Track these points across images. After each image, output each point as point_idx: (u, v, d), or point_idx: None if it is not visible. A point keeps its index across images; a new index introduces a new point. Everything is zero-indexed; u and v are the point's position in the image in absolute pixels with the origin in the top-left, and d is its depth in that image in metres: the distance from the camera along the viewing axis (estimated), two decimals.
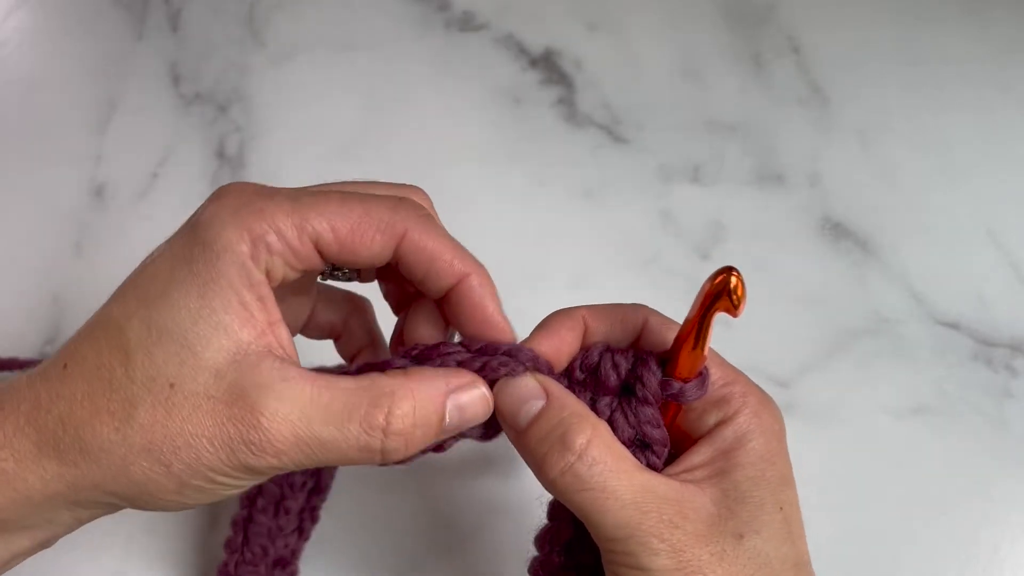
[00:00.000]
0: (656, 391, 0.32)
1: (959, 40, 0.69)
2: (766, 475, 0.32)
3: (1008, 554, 0.51)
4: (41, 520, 0.31)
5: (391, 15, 0.70)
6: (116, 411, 0.29)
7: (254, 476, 0.30)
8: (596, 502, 0.30)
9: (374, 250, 0.32)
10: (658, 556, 0.29)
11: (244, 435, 0.29)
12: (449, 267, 0.32)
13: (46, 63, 0.68)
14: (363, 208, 0.32)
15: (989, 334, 0.58)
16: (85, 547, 0.50)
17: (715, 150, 0.65)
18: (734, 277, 0.30)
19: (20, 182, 0.63)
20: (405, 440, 0.30)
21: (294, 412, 0.29)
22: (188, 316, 0.29)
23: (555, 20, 0.70)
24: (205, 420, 0.29)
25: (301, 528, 0.45)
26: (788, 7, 0.70)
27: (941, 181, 0.63)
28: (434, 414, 0.31)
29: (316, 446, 0.29)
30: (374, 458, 0.30)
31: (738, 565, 0.30)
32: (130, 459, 0.29)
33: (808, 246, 0.61)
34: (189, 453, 0.29)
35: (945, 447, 0.54)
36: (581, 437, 0.30)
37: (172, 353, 0.29)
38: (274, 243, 0.31)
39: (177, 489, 0.30)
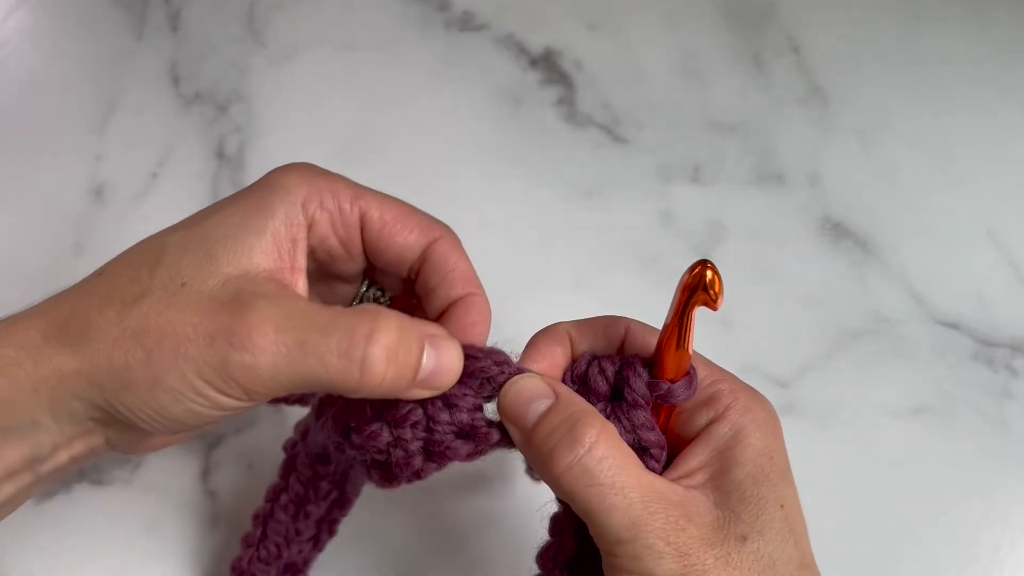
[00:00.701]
0: (644, 393, 0.32)
1: (959, 40, 0.69)
2: (765, 471, 0.32)
3: (1008, 554, 0.51)
4: (27, 421, 0.31)
5: (391, 15, 0.70)
6: (126, 300, 0.31)
7: (228, 386, 0.30)
8: (604, 499, 0.29)
9: (409, 241, 0.35)
10: (663, 560, 0.29)
11: (227, 326, 0.29)
12: (464, 279, 0.35)
13: (46, 63, 0.68)
14: (409, 207, 0.36)
15: (989, 334, 0.58)
16: (85, 547, 0.50)
17: (715, 150, 0.65)
18: (709, 270, 0.30)
19: (20, 182, 0.63)
20: (386, 355, 0.30)
21: (281, 315, 0.30)
22: (224, 230, 0.32)
23: (555, 20, 0.70)
24: (198, 313, 0.30)
25: (317, 538, 0.44)
26: (788, 7, 0.70)
27: (941, 181, 0.63)
28: (415, 343, 0.31)
29: (295, 347, 0.29)
30: (352, 371, 0.30)
31: (743, 569, 0.30)
32: (119, 342, 0.30)
33: (808, 246, 0.61)
34: (172, 341, 0.29)
35: (945, 447, 0.54)
36: (591, 432, 0.30)
37: (196, 258, 0.31)
38: (328, 201, 0.34)
39: (151, 385, 0.30)
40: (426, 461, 0.33)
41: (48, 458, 0.32)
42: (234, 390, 0.30)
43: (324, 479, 0.41)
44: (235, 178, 0.63)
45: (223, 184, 0.63)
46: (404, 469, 0.33)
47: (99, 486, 0.52)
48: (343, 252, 0.36)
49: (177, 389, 0.30)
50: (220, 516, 0.52)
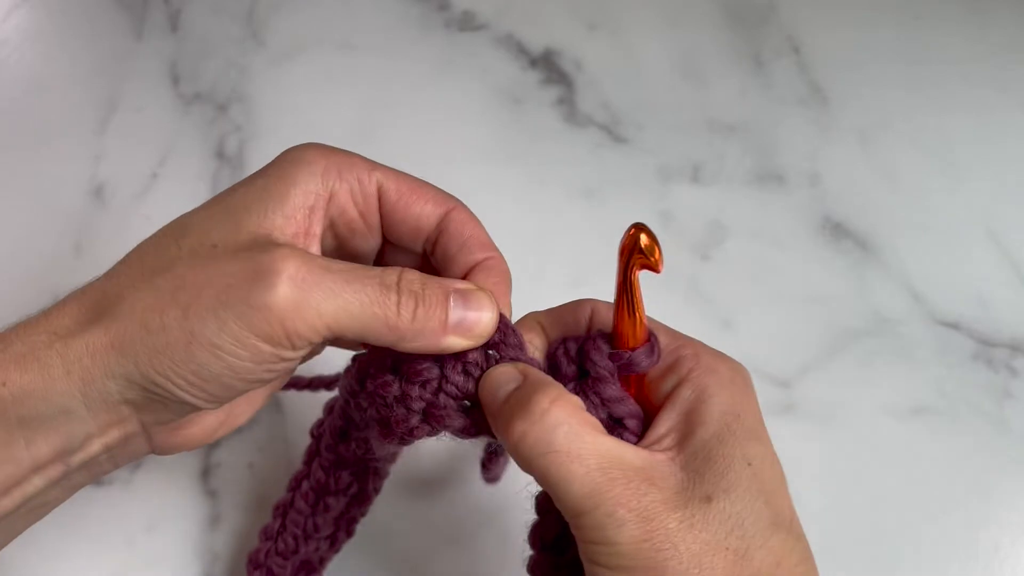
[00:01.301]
0: (607, 364, 0.33)
1: (959, 40, 0.69)
2: (731, 429, 0.31)
3: (1008, 554, 0.51)
4: (58, 409, 0.30)
5: (391, 15, 0.70)
6: (157, 269, 0.31)
7: (271, 327, 0.29)
8: (561, 467, 0.29)
9: (426, 210, 0.36)
10: (624, 527, 0.28)
11: (269, 265, 0.30)
12: (482, 244, 0.36)
13: (46, 63, 0.68)
14: (422, 181, 0.37)
15: (989, 334, 0.58)
16: (86, 547, 0.50)
17: (715, 150, 0.65)
18: (643, 233, 0.30)
19: (20, 182, 0.63)
20: (414, 297, 0.31)
21: (313, 259, 0.31)
22: (247, 196, 0.33)
23: (555, 20, 0.70)
24: (236, 262, 0.30)
25: (335, 537, 0.44)
26: (788, 7, 0.70)
27: (941, 181, 0.63)
28: (440, 289, 0.32)
29: (341, 283, 0.30)
30: (390, 310, 0.31)
31: (709, 531, 0.29)
32: (153, 306, 0.30)
33: (808, 246, 0.61)
34: (210, 291, 0.30)
35: (945, 447, 0.54)
36: (544, 400, 0.30)
37: (222, 223, 0.32)
38: (347, 173, 0.35)
39: (187, 342, 0.29)
40: (421, 422, 0.33)
41: (80, 449, 0.32)
42: (276, 332, 0.30)
43: (345, 468, 0.41)
44: (235, 178, 0.63)
45: (223, 184, 0.63)
46: (400, 425, 0.33)
47: (99, 486, 0.52)
48: (362, 225, 0.36)
49: (215, 342, 0.30)
50: (220, 516, 0.52)
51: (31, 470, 0.31)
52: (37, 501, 0.33)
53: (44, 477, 0.32)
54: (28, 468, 0.31)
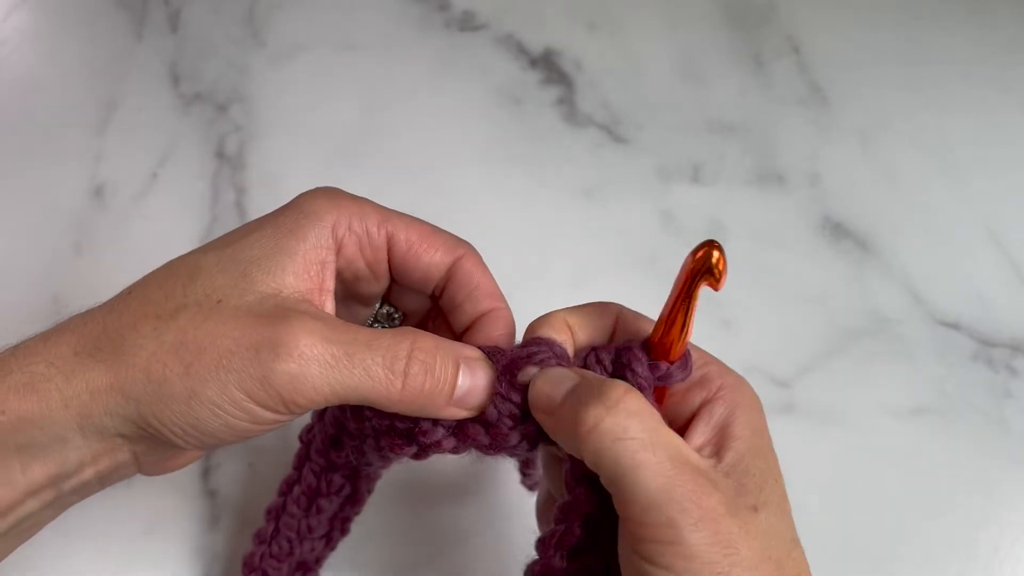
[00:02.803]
0: (648, 375, 0.32)
1: (959, 40, 0.69)
2: (760, 446, 0.32)
3: (1008, 554, 0.51)
4: (54, 438, 0.31)
5: (391, 15, 0.70)
6: (161, 315, 0.31)
7: (270, 397, 0.30)
8: (636, 455, 0.28)
9: (435, 260, 0.36)
10: (697, 526, 0.28)
11: (272, 337, 0.30)
12: (488, 294, 0.36)
13: (46, 63, 0.68)
14: (433, 227, 0.37)
15: (989, 334, 0.58)
16: (86, 547, 0.50)
17: (715, 150, 0.65)
18: (716, 251, 0.30)
19: (20, 182, 0.63)
20: (425, 368, 0.32)
21: (326, 328, 0.31)
22: (257, 251, 0.33)
23: (555, 20, 0.70)
24: (238, 327, 0.30)
25: (330, 536, 0.44)
26: (788, 7, 0.70)
27: (941, 181, 0.63)
28: (451, 361, 0.32)
29: (343, 358, 0.30)
30: (395, 383, 0.31)
31: (758, 540, 0.29)
32: (156, 355, 0.30)
33: (808, 246, 0.61)
34: (213, 354, 0.30)
35: (945, 447, 0.54)
36: (618, 389, 0.30)
37: (231, 276, 0.32)
38: (356, 225, 0.35)
39: (187, 398, 0.30)
40: (448, 436, 0.33)
41: (73, 474, 0.32)
42: (275, 401, 0.30)
43: (337, 471, 0.41)
44: (235, 178, 0.63)
45: (223, 184, 0.63)
46: (426, 436, 0.33)
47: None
48: (369, 273, 0.37)
49: (215, 402, 0.30)
50: (220, 516, 0.52)
51: (26, 494, 0.32)
52: (29, 522, 0.33)
53: (38, 500, 0.32)
54: (23, 492, 0.32)
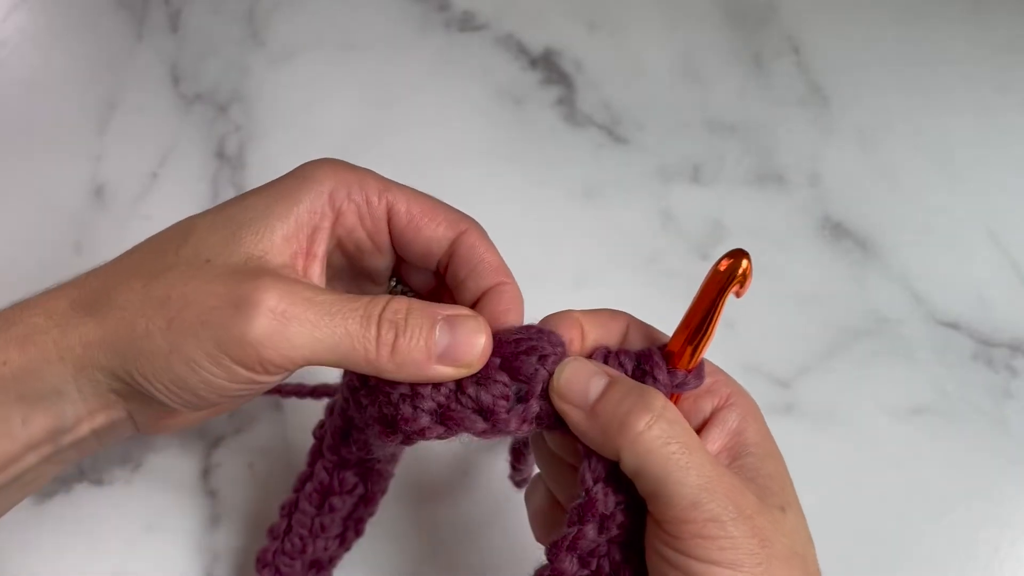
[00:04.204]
0: (668, 383, 0.33)
1: (960, 40, 0.69)
2: (773, 452, 0.33)
3: (1008, 554, 0.51)
4: (52, 389, 0.32)
5: (391, 15, 0.70)
6: (152, 273, 0.32)
7: (246, 354, 0.30)
8: (683, 458, 0.29)
9: (436, 233, 0.36)
10: (738, 520, 0.29)
11: (252, 294, 0.30)
12: (493, 269, 0.36)
13: (46, 63, 0.68)
14: (437, 201, 0.37)
15: (989, 334, 0.58)
16: (86, 547, 0.50)
17: (715, 150, 0.65)
18: (746, 260, 0.31)
19: (20, 182, 0.63)
20: (395, 327, 0.31)
21: (306, 289, 0.31)
22: (251, 213, 0.33)
23: (555, 20, 0.70)
24: (223, 284, 0.31)
25: (344, 536, 0.44)
26: (788, 7, 0.70)
27: (941, 181, 0.63)
28: (426, 319, 0.32)
29: (321, 316, 0.31)
30: (369, 343, 0.31)
31: (788, 537, 0.30)
32: (142, 310, 0.31)
33: (808, 246, 0.61)
34: (196, 309, 0.30)
35: (945, 447, 0.54)
36: (661, 398, 0.31)
37: (222, 237, 0.32)
38: (356, 192, 0.35)
39: (168, 352, 0.30)
40: (434, 423, 0.33)
41: (70, 430, 0.33)
42: (251, 359, 0.30)
43: (348, 468, 0.41)
44: (235, 178, 0.63)
45: (223, 184, 0.63)
46: (408, 424, 0.33)
47: (99, 486, 0.52)
48: (371, 245, 0.36)
49: (193, 358, 0.30)
50: (220, 516, 0.52)
51: (26, 447, 0.33)
52: (29, 477, 0.34)
53: (37, 455, 0.33)
54: (23, 445, 0.32)
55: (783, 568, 0.29)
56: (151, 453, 0.53)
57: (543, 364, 0.33)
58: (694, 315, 0.32)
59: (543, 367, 0.33)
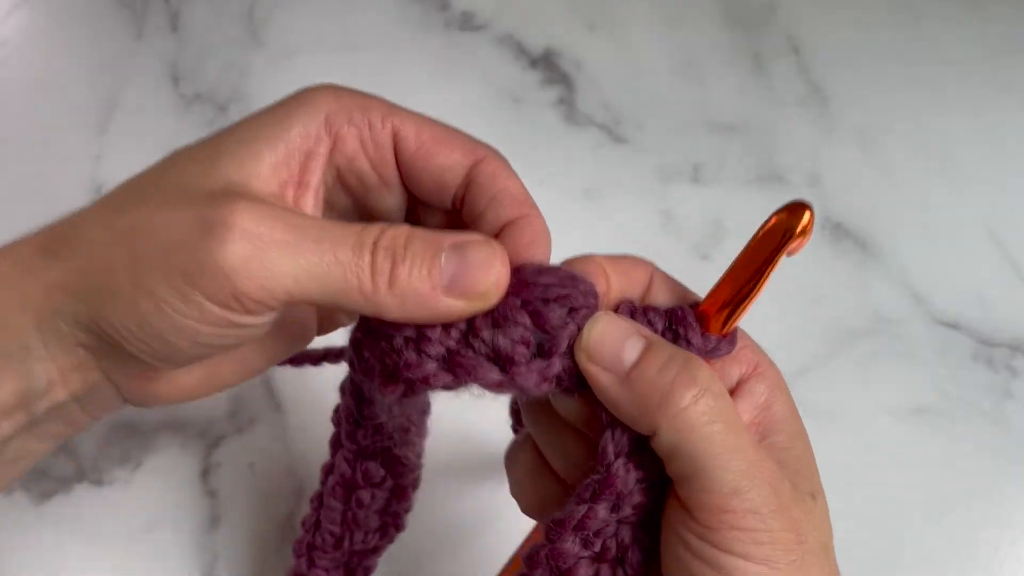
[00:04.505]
0: (701, 347, 0.29)
1: (959, 40, 0.69)
2: (802, 431, 0.30)
3: (1008, 554, 0.51)
4: (16, 344, 0.28)
5: (391, 15, 0.70)
6: (121, 206, 0.29)
7: (219, 286, 0.26)
8: (728, 438, 0.26)
9: (450, 161, 0.32)
10: (777, 515, 0.26)
11: (227, 217, 0.26)
12: (516, 200, 0.31)
13: (46, 63, 0.68)
14: (450, 127, 0.32)
15: (989, 334, 0.58)
16: (86, 547, 0.50)
17: (715, 150, 0.65)
18: (808, 212, 0.27)
19: (20, 182, 0.63)
20: (392, 255, 0.27)
21: (288, 214, 0.27)
22: (238, 138, 0.30)
23: (555, 20, 0.70)
24: (194, 210, 0.27)
25: (384, 531, 0.41)
26: (788, 7, 0.70)
27: (941, 181, 0.63)
28: (428, 244, 0.28)
29: (304, 243, 0.27)
30: (363, 271, 0.27)
31: (818, 528, 0.28)
32: (104, 243, 0.28)
33: (809, 246, 0.61)
34: (161, 238, 0.27)
35: (945, 447, 0.54)
36: (706, 369, 0.27)
37: (202, 165, 0.29)
38: (357, 116, 0.31)
39: (132, 289, 0.27)
40: (441, 370, 0.29)
41: (44, 394, 0.30)
42: (223, 291, 0.26)
43: (370, 458, 0.38)
44: None
45: None
46: (411, 370, 0.28)
47: (99, 486, 0.52)
48: (376, 179, 0.32)
49: (158, 294, 0.27)
50: (220, 516, 0.52)
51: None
52: (10, 453, 0.31)
53: (11, 423, 0.30)
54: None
55: (815, 563, 0.27)
56: (151, 453, 0.53)
57: (573, 317, 0.29)
58: (738, 275, 0.29)
59: (572, 321, 0.29)
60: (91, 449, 0.52)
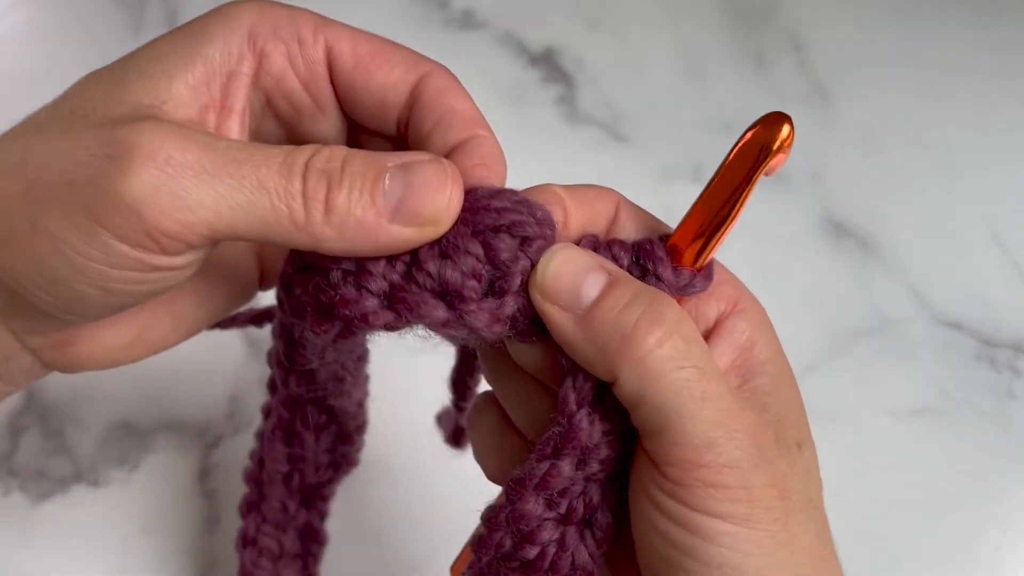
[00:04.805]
0: (673, 283, 0.26)
1: (961, 39, 0.69)
2: (788, 372, 0.27)
3: (1010, 554, 0.51)
4: None
5: (390, 14, 0.70)
6: (11, 138, 0.25)
7: (125, 220, 0.23)
8: (698, 384, 0.23)
9: (392, 78, 0.28)
10: (759, 471, 0.23)
11: (129, 142, 0.23)
12: (466, 119, 0.28)
13: (44, 61, 0.68)
14: (389, 41, 0.29)
15: (992, 334, 0.57)
16: (83, 548, 0.50)
17: (716, 149, 0.64)
18: (787, 125, 0.25)
19: None
20: (327, 177, 0.24)
21: (201, 136, 0.24)
22: (147, 57, 0.26)
23: (555, 18, 0.70)
24: (93, 136, 0.24)
25: (336, 465, 0.39)
26: (790, 6, 0.70)
27: (943, 181, 0.63)
28: (371, 166, 0.24)
29: (220, 166, 0.23)
30: (292, 197, 0.24)
31: (803, 481, 0.25)
32: None
33: (810, 246, 0.61)
34: (56, 169, 0.23)
35: (947, 448, 0.54)
36: (674, 306, 0.24)
37: (106, 87, 0.26)
38: (284, 30, 0.27)
39: (28, 230, 0.23)
40: (382, 307, 0.25)
41: None
42: (132, 226, 0.23)
43: (306, 405, 0.36)
44: None
45: None
46: (349, 306, 0.25)
47: (96, 487, 0.52)
48: (309, 102, 0.29)
49: (57, 232, 0.23)
50: (218, 517, 0.52)
51: None
52: None
53: None
54: None
55: (800, 521, 0.24)
56: (149, 454, 0.53)
57: (526, 250, 0.26)
58: (712, 200, 0.26)
59: (525, 254, 0.25)
60: (88, 450, 0.52)
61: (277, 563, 0.40)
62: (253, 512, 0.40)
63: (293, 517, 0.40)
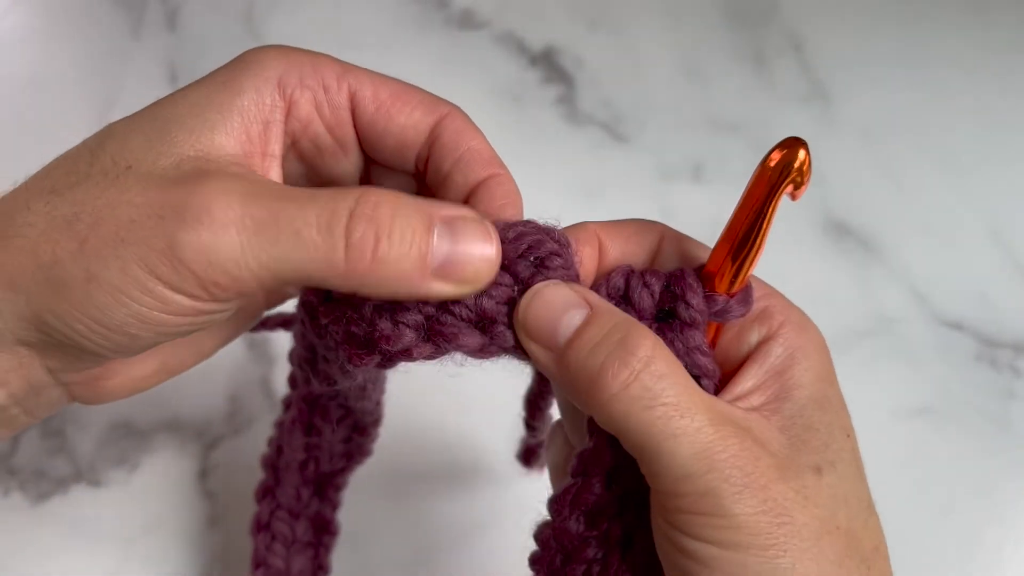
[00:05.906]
0: (703, 309, 0.27)
1: (962, 39, 0.69)
2: (827, 396, 0.28)
3: (1011, 555, 0.51)
4: None
5: (391, 14, 0.70)
6: (58, 189, 0.26)
7: (179, 274, 0.24)
8: (670, 422, 0.24)
9: (412, 120, 0.30)
10: (742, 495, 0.24)
11: (181, 200, 0.24)
12: (483, 159, 0.30)
13: (43, 61, 0.68)
14: (408, 84, 0.31)
15: (993, 334, 0.57)
16: (83, 548, 0.50)
17: (716, 149, 0.64)
18: (803, 150, 0.25)
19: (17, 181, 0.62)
20: (375, 227, 0.24)
21: (247, 187, 0.25)
22: (182, 108, 0.27)
23: (556, 18, 0.70)
24: (144, 192, 0.25)
25: (349, 454, 0.40)
26: (790, 5, 0.70)
27: (944, 180, 0.63)
28: (419, 218, 0.25)
29: (266, 220, 0.24)
30: (336, 249, 0.24)
31: (821, 506, 0.25)
32: (47, 234, 0.25)
33: (810, 246, 0.61)
34: (112, 225, 0.24)
35: (948, 448, 0.54)
36: (646, 343, 0.25)
37: (147, 137, 0.26)
38: (310, 77, 0.29)
39: (84, 281, 0.24)
40: (422, 341, 0.26)
41: None
42: (187, 281, 0.24)
43: (327, 402, 0.37)
44: None
45: None
46: (389, 342, 0.26)
47: (97, 487, 0.52)
48: (331, 143, 0.30)
49: (116, 284, 0.24)
50: (218, 517, 0.51)
51: None
52: None
53: None
54: None
55: (810, 547, 0.24)
56: (149, 454, 0.53)
57: (543, 269, 0.27)
58: (737, 224, 0.27)
59: (544, 271, 0.27)
60: (88, 450, 0.52)
61: (289, 549, 0.41)
62: (268, 497, 0.41)
63: (306, 505, 0.41)
